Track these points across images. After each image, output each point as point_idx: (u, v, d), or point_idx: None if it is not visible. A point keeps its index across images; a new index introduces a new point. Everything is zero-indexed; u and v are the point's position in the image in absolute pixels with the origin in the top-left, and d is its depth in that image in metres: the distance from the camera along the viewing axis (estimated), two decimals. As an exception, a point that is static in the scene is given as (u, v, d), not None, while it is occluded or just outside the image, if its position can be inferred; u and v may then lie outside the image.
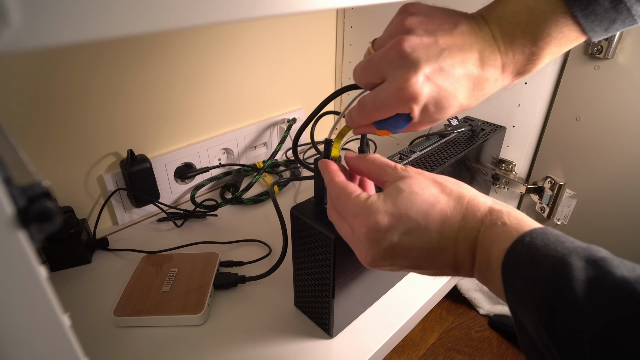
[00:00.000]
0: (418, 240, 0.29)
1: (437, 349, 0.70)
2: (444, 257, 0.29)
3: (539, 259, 0.24)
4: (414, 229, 0.29)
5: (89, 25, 0.14)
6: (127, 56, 0.58)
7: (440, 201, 0.29)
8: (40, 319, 0.17)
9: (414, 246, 0.29)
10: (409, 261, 0.29)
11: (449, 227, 0.29)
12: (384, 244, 0.29)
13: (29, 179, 0.16)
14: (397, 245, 0.29)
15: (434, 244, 0.29)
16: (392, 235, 0.29)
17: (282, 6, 0.21)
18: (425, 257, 0.29)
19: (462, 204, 0.29)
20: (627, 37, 0.51)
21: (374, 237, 0.29)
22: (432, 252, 0.29)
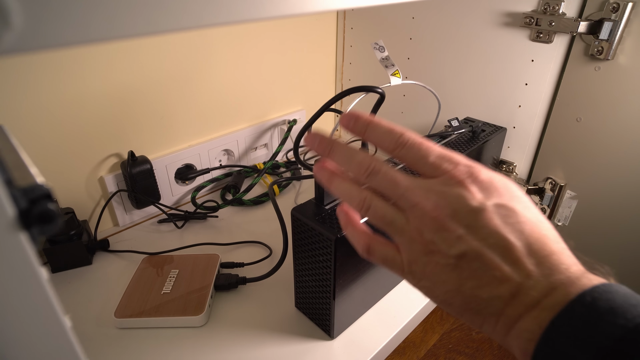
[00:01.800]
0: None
1: (437, 350, 0.70)
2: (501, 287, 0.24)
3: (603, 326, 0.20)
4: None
5: (91, 27, 0.14)
6: (127, 57, 0.58)
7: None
8: (41, 320, 0.17)
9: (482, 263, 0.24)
10: (480, 245, 0.24)
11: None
12: (475, 203, 0.25)
13: (30, 180, 0.16)
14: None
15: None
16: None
17: (283, 8, 0.21)
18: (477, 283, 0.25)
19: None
20: (627, 38, 0.51)
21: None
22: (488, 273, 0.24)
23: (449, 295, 0.25)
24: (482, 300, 0.24)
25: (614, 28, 0.51)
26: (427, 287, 0.26)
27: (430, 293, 0.27)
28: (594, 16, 0.52)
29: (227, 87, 0.72)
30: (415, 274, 0.27)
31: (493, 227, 0.24)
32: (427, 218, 0.25)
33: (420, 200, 0.25)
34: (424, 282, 0.26)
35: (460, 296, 0.25)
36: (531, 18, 0.57)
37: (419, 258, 0.26)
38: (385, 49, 0.50)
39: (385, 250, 0.28)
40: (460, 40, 0.67)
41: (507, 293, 0.24)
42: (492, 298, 0.24)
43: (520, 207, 0.26)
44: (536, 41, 0.58)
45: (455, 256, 0.25)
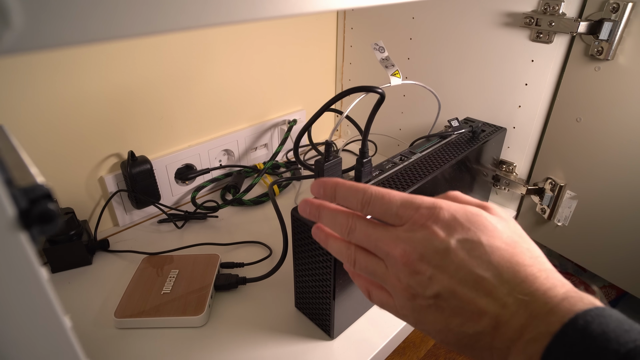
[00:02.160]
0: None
1: (437, 350, 0.70)
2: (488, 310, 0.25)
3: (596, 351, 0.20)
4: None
5: (91, 27, 0.14)
6: (127, 57, 0.58)
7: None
8: (41, 320, 0.17)
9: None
10: (451, 283, 0.25)
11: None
12: (440, 243, 0.26)
13: (30, 180, 0.16)
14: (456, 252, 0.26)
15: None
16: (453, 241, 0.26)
17: (283, 8, 0.21)
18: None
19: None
20: (627, 38, 0.51)
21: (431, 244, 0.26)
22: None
23: (442, 334, 0.26)
24: (470, 336, 0.25)
25: (613, 28, 0.51)
26: (424, 330, 0.28)
27: (428, 334, 0.28)
28: (594, 16, 0.52)
29: (227, 87, 0.72)
30: (408, 318, 0.28)
31: (459, 262, 0.25)
32: (399, 264, 0.27)
33: (390, 249, 0.27)
34: (419, 325, 0.28)
35: (451, 334, 0.26)
36: (531, 18, 0.57)
37: (405, 303, 0.28)
38: (385, 50, 0.50)
39: (381, 295, 0.30)
40: (460, 41, 0.67)
41: (489, 327, 0.24)
42: (477, 333, 0.25)
43: (485, 237, 0.26)
44: (536, 41, 0.58)
45: (432, 297, 0.26)
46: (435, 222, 0.27)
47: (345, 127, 0.97)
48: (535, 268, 0.25)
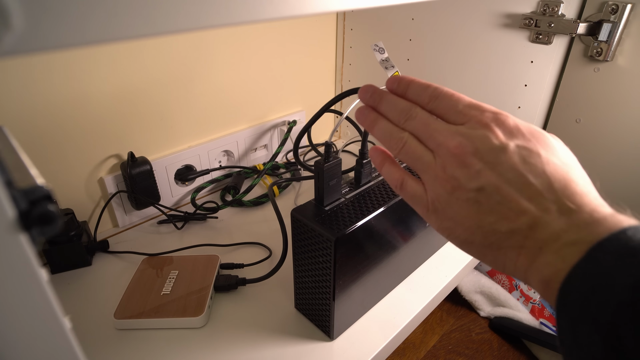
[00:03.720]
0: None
1: (437, 351, 0.70)
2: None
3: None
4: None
5: (91, 28, 0.14)
6: (127, 58, 0.59)
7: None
8: (40, 321, 0.17)
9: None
10: (499, 180, 0.25)
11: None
12: (498, 142, 0.26)
13: (30, 181, 0.16)
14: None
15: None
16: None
17: (283, 9, 0.21)
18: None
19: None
20: (626, 40, 0.51)
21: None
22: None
23: (469, 232, 0.26)
24: (502, 234, 0.25)
25: (613, 29, 0.51)
26: (449, 227, 0.28)
27: (452, 234, 0.28)
28: (593, 17, 0.53)
29: (227, 88, 0.72)
30: (438, 212, 0.28)
31: (512, 164, 0.26)
32: (450, 155, 0.27)
33: (446, 140, 0.28)
34: (446, 222, 0.28)
35: (480, 232, 0.26)
36: (530, 19, 0.57)
37: (441, 195, 0.28)
38: (385, 51, 0.50)
39: (415, 186, 0.30)
40: (460, 42, 0.67)
41: (525, 226, 0.24)
42: (510, 231, 0.25)
43: (544, 151, 0.27)
44: (535, 42, 0.58)
45: (474, 189, 0.26)
46: (498, 125, 0.27)
47: (345, 128, 0.97)
48: (585, 189, 0.25)
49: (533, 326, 0.68)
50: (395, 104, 0.32)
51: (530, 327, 0.68)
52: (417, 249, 0.55)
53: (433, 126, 0.29)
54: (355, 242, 0.41)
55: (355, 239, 0.41)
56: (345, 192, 0.45)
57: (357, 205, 0.43)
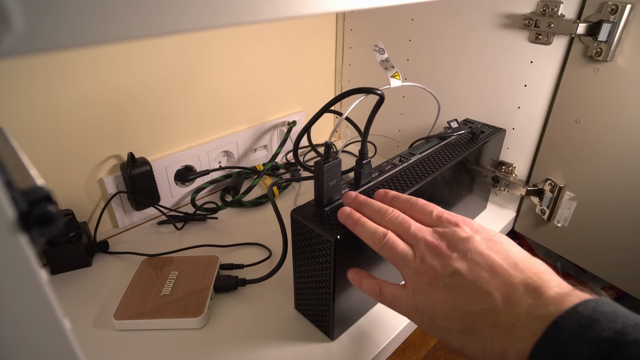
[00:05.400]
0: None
1: (437, 351, 0.70)
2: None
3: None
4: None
5: (91, 29, 0.14)
6: (127, 58, 0.59)
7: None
8: (40, 322, 0.17)
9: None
10: (469, 265, 0.29)
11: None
12: (467, 234, 0.32)
13: (30, 182, 0.16)
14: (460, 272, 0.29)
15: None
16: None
17: (282, 10, 0.21)
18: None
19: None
20: (626, 40, 0.51)
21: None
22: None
23: (447, 319, 0.29)
24: (476, 314, 0.27)
25: (612, 30, 0.51)
26: (429, 318, 0.30)
27: (432, 324, 0.30)
28: (593, 18, 0.53)
29: (227, 89, 0.73)
30: (417, 306, 0.31)
31: (479, 250, 0.30)
32: (428, 248, 0.31)
33: (424, 235, 0.33)
34: (426, 314, 0.30)
35: (457, 316, 0.28)
36: (530, 20, 0.57)
37: (421, 286, 0.31)
38: (385, 51, 0.50)
39: (394, 288, 0.34)
40: (460, 42, 0.67)
41: (497, 303, 0.27)
42: (484, 310, 0.27)
43: (507, 243, 0.31)
44: (535, 43, 0.59)
45: (449, 274, 0.29)
46: (465, 224, 0.33)
47: (344, 129, 0.97)
48: (549, 271, 0.28)
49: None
50: (376, 205, 0.37)
51: (530, 328, 0.68)
52: (417, 249, 0.55)
53: (413, 225, 0.34)
54: (355, 242, 0.41)
55: (355, 239, 0.41)
56: (345, 193, 0.45)
57: (357, 205, 0.43)
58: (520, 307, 0.26)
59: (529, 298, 0.26)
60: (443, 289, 0.29)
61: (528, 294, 0.26)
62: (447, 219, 0.34)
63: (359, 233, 0.36)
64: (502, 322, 0.26)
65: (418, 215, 0.36)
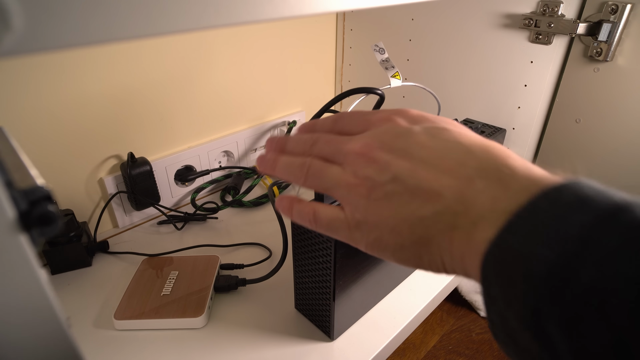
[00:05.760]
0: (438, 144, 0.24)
1: (437, 351, 0.70)
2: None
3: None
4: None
5: (91, 29, 0.14)
6: (127, 58, 0.59)
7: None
8: (41, 322, 0.17)
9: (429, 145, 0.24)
10: (411, 163, 0.23)
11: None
12: (402, 129, 0.25)
13: (30, 182, 0.16)
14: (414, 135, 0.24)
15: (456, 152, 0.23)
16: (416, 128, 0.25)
17: (282, 10, 0.21)
18: (433, 163, 0.23)
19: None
20: (626, 40, 0.51)
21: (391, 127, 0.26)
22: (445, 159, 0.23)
23: (396, 233, 0.24)
24: (428, 220, 0.22)
25: (612, 29, 0.51)
26: (376, 239, 0.25)
27: (381, 245, 0.25)
28: (593, 18, 0.53)
29: (227, 89, 0.72)
30: (360, 226, 0.26)
31: (421, 143, 0.24)
32: (357, 157, 0.25)
33: (351, 147, 0.26)
34: (372, 233, 0.25)
35: (406, 227, 0.23)
36: (530, 19, 0.57)
37: (359, 203, 0.25)
38: (385, 51, 0.50)
39: (330, 211, 0.28)
40: (460, 42, 0.67)
41: (450, 202, 0.22)
42: (436, 213, 0.22)
43: (455, 127, 0.25)
44: (535, 42, 0.59)
45: (388, 181, 0.24)
46: (399, 116, 0.27)
47: (344, 129, 0.97)
48: (511, 153, 0.23)
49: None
50: (299, 140, 0.30)
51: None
52: (417, 249, 0.55)
53: (336, 140, 0.27)
54: (356, 242, 0.41)
55: (355, 239, 0.41)
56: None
57: (357, 205, 0.43)
58: (480, 202, 0.21)
59: (491, 191, 0.21)
60: (384, 199, 0.24)
61: (489, 187, 0.21)
62: (377, 117, 0.27)
63: (280, 175, 0.30)
64: (460, 223, 0.21)
65: (344, 127, 0.29)
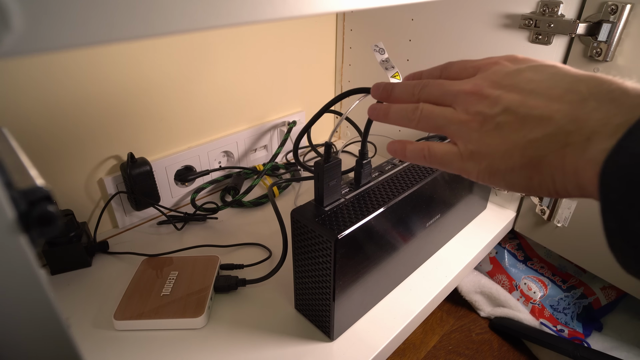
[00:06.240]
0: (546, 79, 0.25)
1: (437, 351, 0.70)
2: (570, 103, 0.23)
3: None
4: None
5: (91, 29, 0.14)
6: (127, 58, 0.59)
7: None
8: (40, 322, 0.17)
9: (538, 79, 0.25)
10: (521, 95, 0.25)
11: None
12: (511, 68, 0.27)
13: (29, 182, 0.16)
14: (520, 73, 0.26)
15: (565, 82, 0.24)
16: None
17: (282, 10, 0.21)
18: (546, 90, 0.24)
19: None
20: (626, 40, 0.51)
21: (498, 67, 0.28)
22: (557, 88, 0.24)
23: (507, 157, 0.25)
24: (539, 142, 0.23)
25: (612, 30, 0.51)
26: (488, 166, 0.26)
27: (492, 171, 0.26)
28: (593, 18, 0.53)
29: (227, 89, 0.72)
30: (473, 156, 0.27)
31: (529, 78, 0.25)
32: (468, 96, 0.27)
33: (461, 87, 0.28)
34: (484, 161, 0.26)
35: (517, 151, 0.24)
36: (530, 20, 0.57)
37: (471, 135, 0.27)
38: (385, 51, 0.50)
39: (443, 146, 0.29)
40: (459, 42, 0.67)
41: (563, 122, 0.23)
42: (548, 135, 0.23)
43: (560, 66, 0.26)
44: (535, 43, 0.59)
45: (499, 113, 0.25)
46: (507, 60, 0.29)
47: (344, 129, 0.97)
48: (620, 80, 0.23)
49: (533, 326, 0.68)
50: (406, 85, 0.32)
51: (531, 328, 0.68)
52: (417, 249, 0.55)
53: (446, 84, 0.29)
54: (355, 242, 0.41)
55: (355, 239, 0.41)
56: (345, 193, 0.45)
57: (357, 205, 0.43)
58: (593, 119, 0.21)
59: (604, 108, 0.21)
60: (496, 129, 0.25)
61: (602, 105, 0.22)
62: (486, 62, 0.29)
63: (392, 121, 0.32)
64: (573, 140, 0.22)
65: (453, 73, 0.31)
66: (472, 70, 0.30)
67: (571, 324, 0.69)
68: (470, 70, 0.30)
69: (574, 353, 0.61)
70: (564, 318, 0.69)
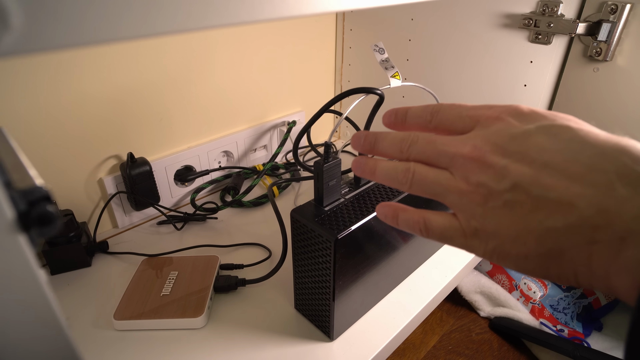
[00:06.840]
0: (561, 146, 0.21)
1: (437, 351, 0.70)
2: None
3: None
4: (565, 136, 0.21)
5: (90, 29, 0.14)
6: (127, 58, 0.58)
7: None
8: (40, 322, 0.17)
9: (551, 148, 0.21)
10: (532, 169, 0.21)
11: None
12: (517, 129, 0.22)
13: (29, 182, 0.16)
14: (532, 136, 0.22)
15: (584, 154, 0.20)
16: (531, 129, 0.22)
17: (282, 10, 0.21)
18: (559, 166, 0.20)
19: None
20: (625, 39, 0.51)
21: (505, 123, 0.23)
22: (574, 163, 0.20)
23: (519, 243, 0.21)
24: (559, 232, 0.20)
25: (612, 29, 0.51)
26: (496, 247, 0.23)
27: (501, 254, 0.23)
28: (593, 17, 0.53)
29: (227, 89, 0.72)
30: (478, 234, 0.23)
31: (541, 146, 0.21)
32: (468, 162, 0.23)
33: (457, 149, 0.23)
34: (491, 242, 0.23)
35: (532, 238, 0.21)
36: (530, 19, 0.57)
37: (474, 210, 0.23)
38: (385, 51, 0.50)
39: (442, 219, 0.25)
40: (459, 42, 0.67)
41: (589, 212, 0.19)
42: (569, 226, 0.19)
43: (575, 124, 0.22)
44: (535, 42, 0.59)
45: (507, 189, 0.21)
46: (510, 115, 0.23)
47: (344, 129, 0.97)
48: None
49: (533, 326, 0.68)
50: (392, 139, 0.28)
51: (531, 327, 0.68)
52: (416, 249, 0.55)
53: (439, 141, 0.25)
54: (355, 242, 0.41)
55: (354, 239, 0.41)
56: (344, 193, 0.45)
57: (357, 205, 0.43)
58: (626, 213, 0.18)
59: (638, 198, 0.18)
60: (504, 208, 0.21)
61: (636, 194, 0.18)
62: (485, 115, 0.24)
63: (380, 181, 0.28)
64: (602, 237, 0.18)
65: (445, 122, 0.26)
66: (468, 121, 0.25)
67: (571, 324, 0.69)
68: (467, 121, 0.25)
69: (573, 353, 0.61)
70: (564, 318, 0.69)
